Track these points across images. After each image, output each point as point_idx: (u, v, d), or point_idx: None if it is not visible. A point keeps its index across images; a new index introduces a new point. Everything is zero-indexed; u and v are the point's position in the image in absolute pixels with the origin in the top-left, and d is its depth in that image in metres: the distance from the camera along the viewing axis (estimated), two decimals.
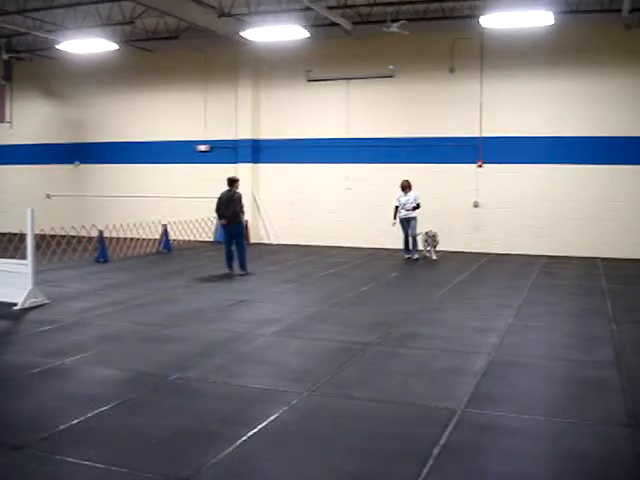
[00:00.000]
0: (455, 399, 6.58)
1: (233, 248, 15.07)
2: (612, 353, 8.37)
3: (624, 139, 18.39)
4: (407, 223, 17.46)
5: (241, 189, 15.75)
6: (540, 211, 19.13)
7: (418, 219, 17.45)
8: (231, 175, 16.33)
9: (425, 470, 5.01)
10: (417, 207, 17.39)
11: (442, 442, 5.51)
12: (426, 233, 17.66)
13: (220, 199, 15.02)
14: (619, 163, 18.46)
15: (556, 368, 7.80)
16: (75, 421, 5.89)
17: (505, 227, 19.44)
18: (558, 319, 10.51)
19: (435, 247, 17.67)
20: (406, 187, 17.46)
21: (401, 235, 17.69)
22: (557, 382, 7.27)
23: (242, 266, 14.97)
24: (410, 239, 17.58)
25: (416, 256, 17.42)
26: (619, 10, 16.07)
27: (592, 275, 15.36)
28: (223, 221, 15.01)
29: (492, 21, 16.37)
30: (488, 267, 16.72)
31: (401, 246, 17.84)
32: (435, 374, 7.53)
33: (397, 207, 17.44)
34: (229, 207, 14.80)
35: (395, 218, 17.45)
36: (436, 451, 5.33)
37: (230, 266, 15.01)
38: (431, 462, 5.14)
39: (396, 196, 17.49)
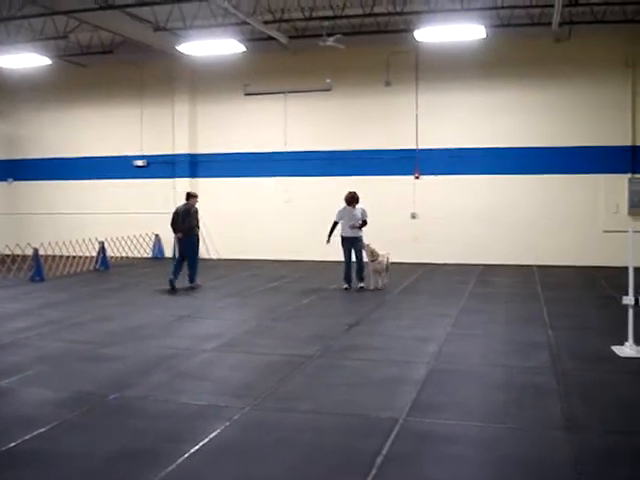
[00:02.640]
0: (396, 408, 6.63)
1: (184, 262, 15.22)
2: (549, 358, 8.55)
3: (556, 149, 18.90)
4: (350, 244, 14.52)
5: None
6: (476, 221, 19.47)
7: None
8: (189, 190, 16.66)
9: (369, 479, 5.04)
10: (363, 224, 14.66)
11: (384, 452, 5.54)
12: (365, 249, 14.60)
13: (176, 213, 15.16)
14: (551, 173, 18.98)
15: (494, 374, 7.92)
16: (12, 444, 5.75)
17: (442, 237, 19.70)
18: (496, 326, 10.69)
19: (387, 269, 14.90)
20: (352, 201, 14.61)
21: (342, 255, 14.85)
22: (495, 388, 7.38)
23: (192, 279, 15.13)
24: (354, 265, 14.66)
25: (361, 285, 14.60)
26: (549, 24, 16.49)
27: (528, 282, 15.68)
28: (179, 234, 15.14)
29: (426, 35, 16.63)
30: (426, 277, 16.91)
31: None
32: (376, 384, 7.58)
33: (335, 223, 14.71)
34: (185, 221, 14.96)
35: (330, 235, 14.53)
36: (379, 460, 5.36)
37: (175, 278, 14.89)
38: (374, 472, 5.17)
39: (336, 210, 14.78)
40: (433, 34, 16.55)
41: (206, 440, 5.84)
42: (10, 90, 23.07)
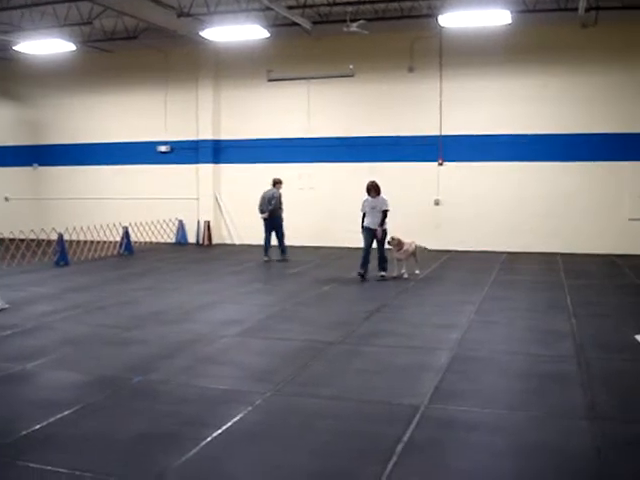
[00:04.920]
0: (418, 395, 6.63)
1: (272, 238, 17.61)
2: (572, 346, 8.50)
3: (581, 136, 18.69)
4: (371, 235, 14.13)
5: (202, 190, 15.88)
6: (500, 208, 19.36)
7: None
8: (275, 176, 18.10)
9: (389, 466, 5.04)
10: (383, 217, 14.06)
11: (406, 438, 5.54)
12: (390, 241, 14.25)
13: (263, 197, 17.49)
14: (577, 160, 18.78)
15: (517, 362, 7.89)
16: (37, 426, 5.82)
17: (465, 224, 19.61)
18: (519, 314, 10.64)
19: (416, 258, 14.75)
20: (371, 190, 14.21)
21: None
22: (518, 376, 7.36)
23: (283, 251, 17.50)
24: (377, 254, 14.19)
25: (382, 274, 14.17)
26: (575, 9, 16.30)
27: (551, 270, 15.58)
28: (264, 215, 17.42)
29: (451, 20, 16.50)
30: (449, 264, 16.87)
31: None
32: (398, 371, 7.57)
33: (364, 215, 14.21)
34: (271, 203, 17.25)
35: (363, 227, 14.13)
36: (400, 447, 5.36)
37: (266, 253, 17.42)
38: (395, 459, 5.17)
39: (362, 201, 14.32)
40: (457, 19, 16.42)
41: (228, 424, 5.88)
42: (34, 76, 23.19)
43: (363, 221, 14.29)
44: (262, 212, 17.42)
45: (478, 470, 5.10)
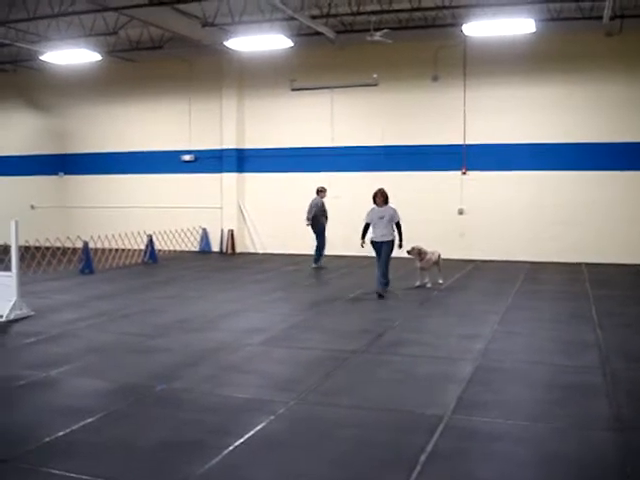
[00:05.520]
0: (442, 405, 6.60)
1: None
2: (597, 358, 8.42)
3: (607, 145, 18.53)
4: (379, 249, 13.23)
5: (226, 199, 15.94)
6: (525, 217, 19.24)
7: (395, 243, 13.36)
8: (320, 185, 18.57)
9: (413, 476, 5.02)
10: (400, 230, 13.23)
11: (429, 448, 5.52)
12: (410, 251, 14.04)
13: (311, 205, 18.03)
14: (602, 169, 18.61)
15: (541, 373, 7.83)
16: (61, 433, 5.86)
17: (490, 234, 19.51)
18: (543, 325, 10.56)
19: (439, 268, 14.57)
20: (379, 197, 13.38)
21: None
22: (542, 387, 7.30)
23: (315, 260, 17.93)
24: (378, 270, 13.29)
25: (380, 291, 13.11)
26: (600, 17, 16.19)
27: (576, 280, 15.44)
28: (307, 223, 17.92)
29: (475, 29, 16.45)
30: (473, 274, 16.78)
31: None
32: (421, 381, 7.55)
33: (367, 225, 13.39)
34: (311, 211, 17.86)
35: (364, 238, 13.30)
36: (423, 457, 5.34)
37: (315, 261, 18.01)
38: (419, 468, 5.15)
39: (368, 210, 13.55)
40: (482, 28, 16.36)
41: (251, 433, 5.88)
42: (61, 86, 23.44)
43: (364, 233, 13.30)
44: (307, 220, 17.84)
45: None
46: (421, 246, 14.13)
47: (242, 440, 5.73)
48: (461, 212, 19.90)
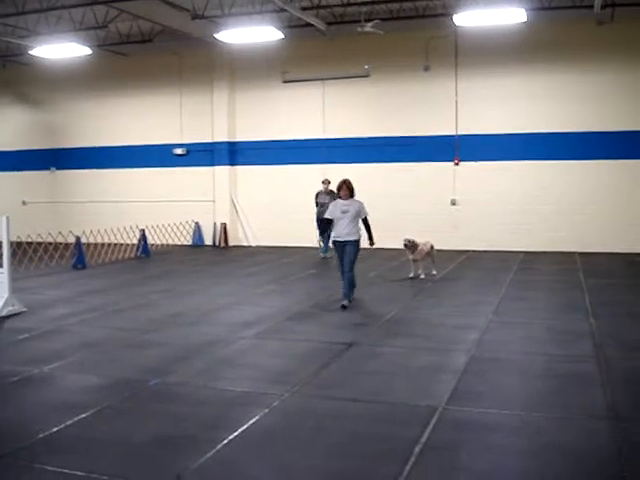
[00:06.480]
0: (436, 397, 6.59)
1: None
2: (591, 347, 8.43)
3: (600, 134, 18.54)
4: (341, 250, 11.40)
5: (218, 192, 15.91)
6: (517, 207, 19.24)
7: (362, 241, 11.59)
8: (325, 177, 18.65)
9: (407, 468, 5.01)
10: (368, 226, 11.44)
11: (423, 440, 5.51)
12: (406, 244, 13.97)
13: (317, 195, 18.37)
14: (595, 158, 18.61)
15: (536, 363, 7.83)
16: (54, 429, 5.84)
17: (483, 224, 19.51)
18: (537, 314, 10.56)
19: (433, 259, 14.57)
20: (343, 190, 11.45)
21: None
22: (537, 377, 7.30)
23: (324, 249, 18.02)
24: (343, 278, 11.50)
25: (345, 302, 11.20)
26: (591, 6, 16.18)
27: (570, 270, 15.45)
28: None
29: (466, 19, 16.40)
30: (466, 265, 16.77)
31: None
32: (415, 372, 7.54)
33: (329, 221, 11.86)
34: (317, 203, 18.17)
35: (322, 235, 11.34)
36: (418, 449, 5.34)
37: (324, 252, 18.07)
38: (413, 460, 5.15)
39: (331, 203, 11.99)
40: (473, 18, 16.31)
41: (245, 427, 5.87)
42: (51, 80, 23.34)
43: (320, 226, 11.17)
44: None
45: (497, 471, 5.06)
46: (413, 237, 14.12)
47: (236, 433, 5.71)
48: (454, 203, 19.88)
